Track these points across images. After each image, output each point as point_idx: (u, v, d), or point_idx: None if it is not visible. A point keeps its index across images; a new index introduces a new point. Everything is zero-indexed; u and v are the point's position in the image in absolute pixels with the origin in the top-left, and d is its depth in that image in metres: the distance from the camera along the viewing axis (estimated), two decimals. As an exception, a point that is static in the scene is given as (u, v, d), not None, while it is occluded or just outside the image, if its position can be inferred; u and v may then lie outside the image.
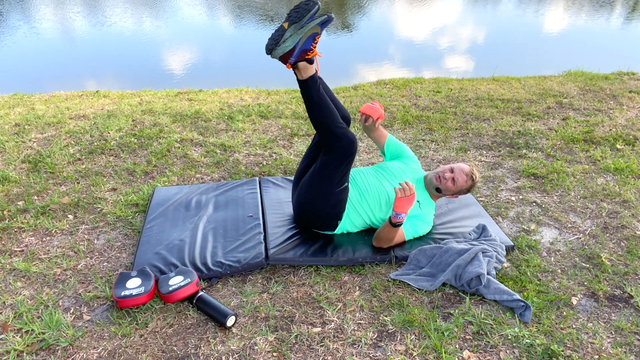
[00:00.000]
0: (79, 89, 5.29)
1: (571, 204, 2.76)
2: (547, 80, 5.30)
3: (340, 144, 2.13)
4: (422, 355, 1.73)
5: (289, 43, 1.98)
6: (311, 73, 2.09)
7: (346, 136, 2.13)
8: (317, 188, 2.22)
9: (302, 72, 2.08)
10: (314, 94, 2.10)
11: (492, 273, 2.08)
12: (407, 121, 4.01)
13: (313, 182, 2.22)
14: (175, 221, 2.48)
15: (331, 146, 2.14)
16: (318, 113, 2.11)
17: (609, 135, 3.72)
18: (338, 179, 2.20)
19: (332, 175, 2.18)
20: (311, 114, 2.13)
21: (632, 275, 2.17)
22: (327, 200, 2.24)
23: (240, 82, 5.47)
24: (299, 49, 2.00)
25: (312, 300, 2.00)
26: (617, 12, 12.01)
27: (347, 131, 2.14)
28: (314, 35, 2.00)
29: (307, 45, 2.01)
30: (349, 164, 2.18)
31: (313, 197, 2.24)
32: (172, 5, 12.58)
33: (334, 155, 2.15)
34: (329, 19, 2.00)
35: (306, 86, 2.10)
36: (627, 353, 1.76)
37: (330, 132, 2.12)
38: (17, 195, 2.79)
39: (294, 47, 1.99)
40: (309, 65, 2.08)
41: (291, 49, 1.99)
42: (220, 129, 3.82)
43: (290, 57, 2.01)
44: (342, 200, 2.27)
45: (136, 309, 1.93)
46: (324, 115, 2.11)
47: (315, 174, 2.21)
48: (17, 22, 10.27)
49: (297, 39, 1.98)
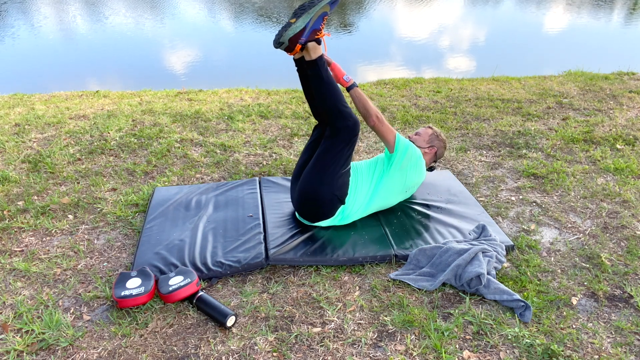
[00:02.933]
0: (79, 89, 5.29)
1: (571, 204, 2.76)
2: (547, 80, 5.30)
3: (346, 124, 2.22)
4: (422, 355, 1.73)
5: (300, 23, 2.07)
6: (319, 53, 2.18)
7: (352, 116, 2.23)
8: (323, 171, 2.27)
9: (311, 52, 2.17)
10: (323, 74, 2.19)
11: (492, 273, 2.08)
12: (407, 121, 4.01)
13: (319, 166, 2.27)
14: (175, 221, 2.48)
15: (337, 127, 2.23)
16: (327, 92, 2.20)
17: (609, 135, 3.72)
18: (343, 161, 2.28)
19: (338, 157, 2.26)
20: (320, 95, 2.21)
21: (632, 275, 2.17)
22: (333, 183, 2.28)
23: (240, 82, 5.47)
24: (310, 28, 2.09)
25: (312, 300, 2.00)
26: (617, 12, 12.01)
27: (352, 111, 2.24)
28: (323, 15, 2.10)
29: (317, 24, 2.11)
30: (353, 144, 2.27)
31: (319, 180, 2.28)
32: (172, 5, 12.58)
33: (338, 137, 2.23)
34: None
35: (316, 66, 2.18)
36: (627, 353, 1.76)
37: (338, 111, 2.21)
38: (17, 195, 2.79)
39: (304, 26, 2.08)
40: (317, 45, 2.17)
41: (302, 29, 2.08)
42: (220, 129, 3.82)
43: (301, 37, 2.09)
44: (346, 183, 2.34)
45: (136, 309, 1.93)
46: (332, 95, 2.20)
47: (320, 158, 2.27)
48: (17, 21, 10.27)
49: (307, 19, 2.08)
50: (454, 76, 5.76)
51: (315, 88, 2.20)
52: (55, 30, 9.57)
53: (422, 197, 2.74)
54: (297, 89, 4.99)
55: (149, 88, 5.20)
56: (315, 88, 2.20)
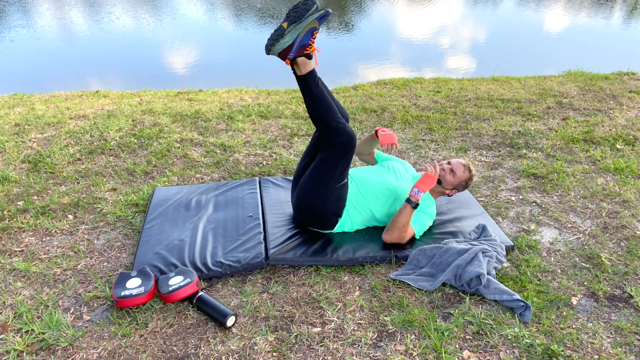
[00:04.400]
0: (79, 89, 5.29)
1: (571, 204, 2.76)
2: (547, 80, 5.30)
3: (339, 139, 2.15)
4: (422, 355, 1.73)
5: (288, 39, 2.02)
6: (310, 68, 2.12)
7: (345, 131, 2.15)
8: (317, 185, 2.23)
9: (301, 67, 2.11)
10: (314, 89, 2.13)
11: (492, 273, 2.08)
12: (407, 121, 4.01)
13: (313, 179, 2.24)
14: (175, 221, 2.48)
15: (330, 142, 2.16)
16: (317, 108, 2.14)
17: (609, 135, 3.72)
18: (338, 175, 2.22)
19: (332, 171, 2.20)
20: (310, 110, 2.16)
21: (632, 275, 2.17)
22: (328, 197, 2.25)
23: (240, 82, 5.47)
24: (298, 44, 2.03)
25: (312, 300, 2.00)
26: (617, 12, 12.01)
27: (346, 126, 2.17)
28: (312, 30, 2.03)
29: (305, 40, 2.04)
30: (348, 159, 2.21)
31: (313, 194, 2.25)
32: (172, 5, 12.58)
33: (333, 151, 2.17)
34: (327, 14, 2.02)
35: (305, 81, 2.12)
36: (627, 353, 1.76)
37: (329, 127, 2.14)
38: (17, 195, 2.79)
39: (292, 42, 2.02)
40: (308, 60, 2.11)
41: (290, 45, 2.02)
42: (220, 129, 3.82)
43: (290, 52, 2.04)
44: (342, 197, 2.29)
45: (136, 309, 1.93)
46: (323, 110, 2.14)
47: (315, 171, 2.23)
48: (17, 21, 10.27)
49: (295, 34, 2.02)
50: (454, 76, 5.76)
51: (306, 104, 2.15)
52: (55, 30, 9.57)
53: (422, 197, 2.74)
54: (297, 89, 4.99)
55: (149, 88, 5.20)
56: (306, 104, 2.15)
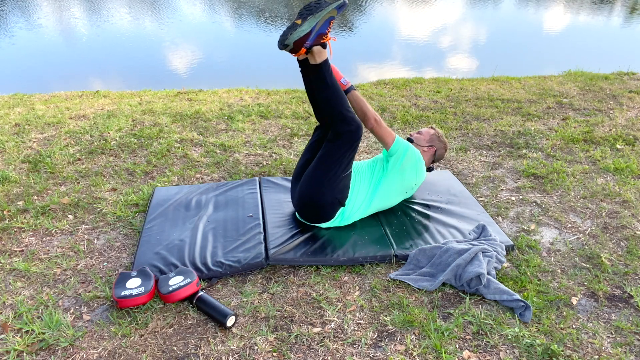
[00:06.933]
0: (79, 88, 5.29)
1: (571, 204, 2.76)
2: (547, 80, 5.30)
3: (349, 128, 2.22)
4: (422, 355, 1.73)
5: (306, 27, 2.05)
6: (325, 57, 2.16)
7: (354, 120, 2.23)
8: (324, 175, 2.26)
9: (317, 56, 2.15)
10: (328, 78, 2.18)
11: (492, 273, 2.08)
12: (407, 121, 4.01)
13: (320, 169, 2.27)
14: (175, 221, 2.48)
15: (339, 131, 2.23)
16: (330, 97, 2.19)
17: (609, 135, 3.72)
18: (345, 165, 2.28)
19: (340, 160, 2.26)
20: (322, 99, 2.20)
21: (632, 275, 2.17)
22: (335, 186, 2.28)
23: (240, 82, 5.47)
24: (316, 31, 2.07)
25: (312, 300, 2.00)
26: (617, 12, 12.01)
27: (355, 116, 2.24)
28: (330, 19, 2.08)
29: (323, 28, 2.09)
30: (355, 149, 2.27)
31: (320, 184, 2.27)
32: (172, 5, 12.58)
33: (341, 141, 2.23)
34: (344, 3, 2.08)
35: (320, 70, 2.17)
36: (627, 353, 1.76)
37: (341, 115, 2.20)
38: (17, 195, 2.79)
39: (310, 30, 2.06)
40: (323, 49, 2.15)
41: (307, 33, 2.06)
42: (220, 129, 3.82)
43: (307, 40, 2.07)
44: (346, 186, 2.34)
45: (136, 309, 1.93)
46: (336, 99, 2.20)
47: (322, 162, 2.27)
48: (17, 21, 10.27)
49: (314, 22, 2.06)
50: (454, 76, 5.76)
51: (318, 92, 2.19)
52: (55, 30, 9.57)
53: (422, 197, 2.74)
54: (297, 89, 4.99)
55: (149, 88, 5.20)
56: (318, 92, 2.19)
